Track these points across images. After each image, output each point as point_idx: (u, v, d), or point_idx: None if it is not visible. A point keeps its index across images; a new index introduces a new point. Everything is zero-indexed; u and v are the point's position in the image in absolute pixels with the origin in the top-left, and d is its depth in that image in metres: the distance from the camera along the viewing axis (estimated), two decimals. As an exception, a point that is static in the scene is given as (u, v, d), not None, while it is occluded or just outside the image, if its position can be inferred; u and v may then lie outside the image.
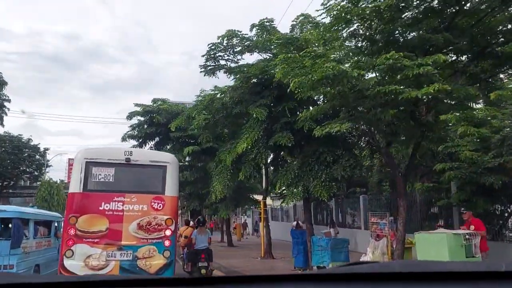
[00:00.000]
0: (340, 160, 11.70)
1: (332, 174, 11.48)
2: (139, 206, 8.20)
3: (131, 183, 8.45)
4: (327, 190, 11.37)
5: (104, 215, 8.03)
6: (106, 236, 7.94)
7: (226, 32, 13.71)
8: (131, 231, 8.05)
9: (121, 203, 8.14)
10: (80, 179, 8.15)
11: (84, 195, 8.12)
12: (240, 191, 21.17)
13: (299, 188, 12.10)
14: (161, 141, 23.95)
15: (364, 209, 17.55)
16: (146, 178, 8.64)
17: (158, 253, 8.08)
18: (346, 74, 7.92)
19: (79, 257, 7.77)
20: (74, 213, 7.98)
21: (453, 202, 12.39)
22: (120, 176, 8.42)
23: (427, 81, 7.69)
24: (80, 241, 7.84)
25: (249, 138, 12.52)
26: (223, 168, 13.76)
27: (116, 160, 8.45)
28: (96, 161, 8.41)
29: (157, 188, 8.46)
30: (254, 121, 12.92)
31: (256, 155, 12.82)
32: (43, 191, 34.62)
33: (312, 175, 11.81)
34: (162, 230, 8.19)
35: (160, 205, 8.31)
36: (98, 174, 8.34)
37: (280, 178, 12.81)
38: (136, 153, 8.93)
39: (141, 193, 8.32)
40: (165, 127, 21.73)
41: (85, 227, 7.92)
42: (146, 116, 23.47)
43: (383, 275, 1.32)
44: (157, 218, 8.21)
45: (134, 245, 8.00)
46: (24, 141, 43.73)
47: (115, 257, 7.90)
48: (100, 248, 7.86)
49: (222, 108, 14.30)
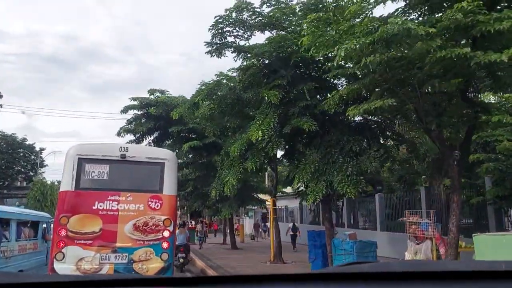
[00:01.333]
0: (368, 151, 10.54)
1: (359, 166, 10.12)
2: (135, 205, 7.68)
3: (126, 181, 7.93)
4: (354, 185, 9.91)
5: (98, 215, 7.50)
6: (99, 237, 7.41)
7: (235, 4, 11.97)
8: (126, 232, 7.52)
9: (116, 202, 7.61)
10: (72, 176, 7.61)
11: (76, 193, 7.57)
12: (245, 190, 19.69)
13: (321, 183, 10.40)
14: (160, 136, 22.35)
15: (381, 209, 16.63)
16: (143, 175, 8.12)
17: (156, 256, 7.56)
18: (410, 33, 6.42)
19: (70, 260, 7.23)
20: (65, 212, 7.43)
21: (489, 200, 11.29)
22: (115, 173, 7.90)
23: (504, 40, 6.20)
24: (72, 243, 7.30)
25: (263, 125, 10.89)
26: (234, 160, 12.32)
27: (111, 157, 7.92)
28: (90, 158, 7.87)
29: (155, 186, 7.94)
30: (267, 106, 11.50)
31: (267, 144, 11.23)
32: (35, 191, 33.67)
33: (336, 168, 10.32)
34: (159, 231, 7.67)
35: (158, 204, 7.79)
36: (91, 171, 7.80)
37: (298, 173, 11.02)
38: (132, 149, 8.41)
39: (138, 192, 7.79)
40: (164, 121, 20.51)
41: (77, 228, 7.38)
42: (143, 110, 21.71)
43: (383, 275, 1.32)
44: (154, 218, 7.69)
45: (130, 247, 7.48)
46: (19, 140, 43.19)
47: (109, 260, 7.37)
48: (93, 251, 7.33)
49: (229, 93, 12.72)
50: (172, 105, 20.18)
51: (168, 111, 19.88)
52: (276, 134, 11.29)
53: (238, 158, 12.03)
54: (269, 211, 30.51)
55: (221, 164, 13.38)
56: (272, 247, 15.11)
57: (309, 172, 10.60)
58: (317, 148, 11.36)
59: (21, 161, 42.64)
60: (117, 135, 21.81)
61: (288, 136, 11.69)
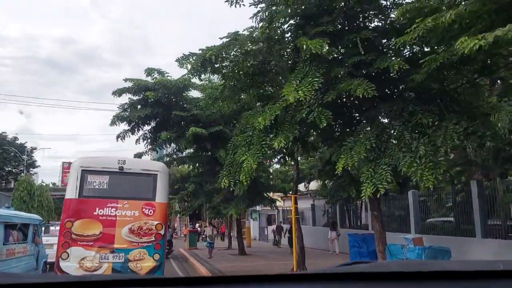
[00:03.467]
0: (443, 124, 7.59)
1: (433, 145, 7.44)
2: (131, 211, 8.77)
3: (123, 190, 9.00)
4: (430, 169, 7.15)
5: (98, 220, 8.58)
6: (99, 239, 8.48)
7: None
8: (123, 235, 8.60)
9: (114, 209, 8.69)
10: (76, 186, 8.71)
11: (79, 201, 8.67)
12: (254, 188, 16.97)
13: (382, 168, 7.68)
14: (159, 124, 18.97)
15: (415, 209, 14.61)
16: (138, 185, 9.21)
17: (148, 256, 8.64)
18: None
19: (74, 259, 8.30)
20: (70, 217, 8.53)
21: None
22: (113, 183, 8.97)
23: None
24: (75, 244, 8.37)
25: (302, 85, 7.91)
26: (255, 135, 9.25)
27: (110, 169, 9.02)
28: (91, 169, 8.96)
29: (148, 195, 9.00)
30: (305, 64, 8.40)
31: (309, 114, 8.27)
32: (21, 191, 31.10)
33: (400, 147, 7.77)
34: (152, 234, 8.75)
35: (151, 211, 8.88)
36: (92, 181, 8.89)
37: (345, 153, 8.03)
38: (129, 162, 9.49)
39: (133, 200, 8.88)
40: (163, 107, 18.01)
41: (80, 231, 8.46)
42: (139, 94, 18.11)
43: (382, 275, 1.34)
44: (147, 223, 8.77)
45: (126, 248, 8.54)
46: (9, 139, 41.12)
47: (108, 259, 8.44)
48: (93, 251, 8.40)
49: (250, 56, 9.84)
50: (173, 87, 17.71)
51: (169, 95, 17.82)
52: (317, 101, 8.63)
53: (260, 132, 9.07)
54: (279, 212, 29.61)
55: (238, 138, 9.87)
56: (294, 254, 11.86)
57: (363, 151, 7.80)
58: (371, 121, 8.87)
59: (12, 161, 41.26)
60: (111, 124, 18.23)
61: (332, 105, 8.68)
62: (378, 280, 1.30)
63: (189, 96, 19.53)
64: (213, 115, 17.40)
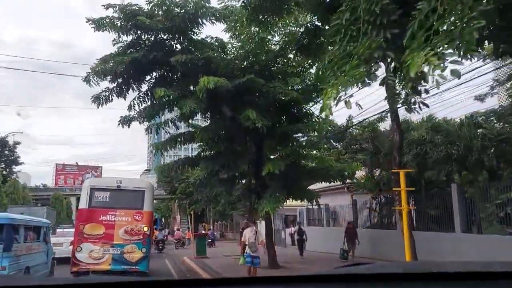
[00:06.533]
0: None
1: None
2: (126, 217, 12.22)
3: (120, 202, 12.43)
4: None
5: (102, 224, 12.03)
6: (103, 237, 11.93)
7: None
8: (120, 234, 12.05)
9: (114, 216, 12.15)
10: (87, 199, 12.23)
11: (89, 210, 12.18)
12: (293, 174, 12.62)
13: None
14: (159, 79, 13.17)
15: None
16: (131, 198, 12.64)
17: (138, 249, 12.09)
18: None
19: (85, 251, 11.80)
20: (82, 222, 12.06)
21: None
22: (113, 197, 12.44)
23: None
24: (86, 241, 11.86)
25: None
26: None
27: (111, 186, 12.53)
28: (97, 187, 12.50)
29: (138, 205, 12.45)
30: None
31: None
32: None
33: None
34: (141, 234, 12.20)
35: (140, 217, 12.34)
36: (98, 196, 12.40)
37: None
38: (124, 181, 13.00)
39: (127, 209, 12.30)
40: (165, 50, 12.40)
41: (89, 232, 11.92)
42: (128, 32, 12.20)
43: (381, 276, 1.34)
44: (137, 226, 12.24)
45: (122, 244, 11.97)
46: None
47: (109, 251, 11.90)
48: (99, 246, 11.85)
49: None
50: (179, 16, 11.89)
51: (173, 28, 11.91)
52: None
53: None
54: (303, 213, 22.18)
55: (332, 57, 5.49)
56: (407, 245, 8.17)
57: None
58: None
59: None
60: (85, 82, 12.65)
61: None
62: (378, 281, 1.31)
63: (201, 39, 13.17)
64: (241, 57, 11.84)
